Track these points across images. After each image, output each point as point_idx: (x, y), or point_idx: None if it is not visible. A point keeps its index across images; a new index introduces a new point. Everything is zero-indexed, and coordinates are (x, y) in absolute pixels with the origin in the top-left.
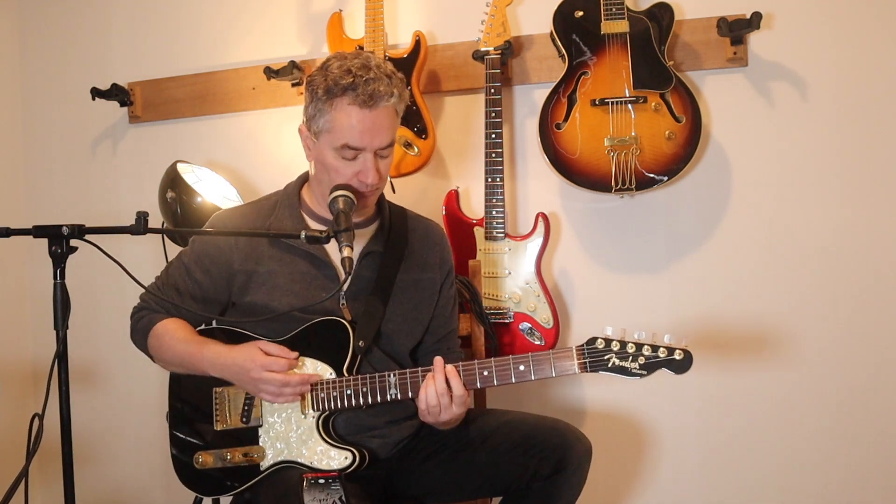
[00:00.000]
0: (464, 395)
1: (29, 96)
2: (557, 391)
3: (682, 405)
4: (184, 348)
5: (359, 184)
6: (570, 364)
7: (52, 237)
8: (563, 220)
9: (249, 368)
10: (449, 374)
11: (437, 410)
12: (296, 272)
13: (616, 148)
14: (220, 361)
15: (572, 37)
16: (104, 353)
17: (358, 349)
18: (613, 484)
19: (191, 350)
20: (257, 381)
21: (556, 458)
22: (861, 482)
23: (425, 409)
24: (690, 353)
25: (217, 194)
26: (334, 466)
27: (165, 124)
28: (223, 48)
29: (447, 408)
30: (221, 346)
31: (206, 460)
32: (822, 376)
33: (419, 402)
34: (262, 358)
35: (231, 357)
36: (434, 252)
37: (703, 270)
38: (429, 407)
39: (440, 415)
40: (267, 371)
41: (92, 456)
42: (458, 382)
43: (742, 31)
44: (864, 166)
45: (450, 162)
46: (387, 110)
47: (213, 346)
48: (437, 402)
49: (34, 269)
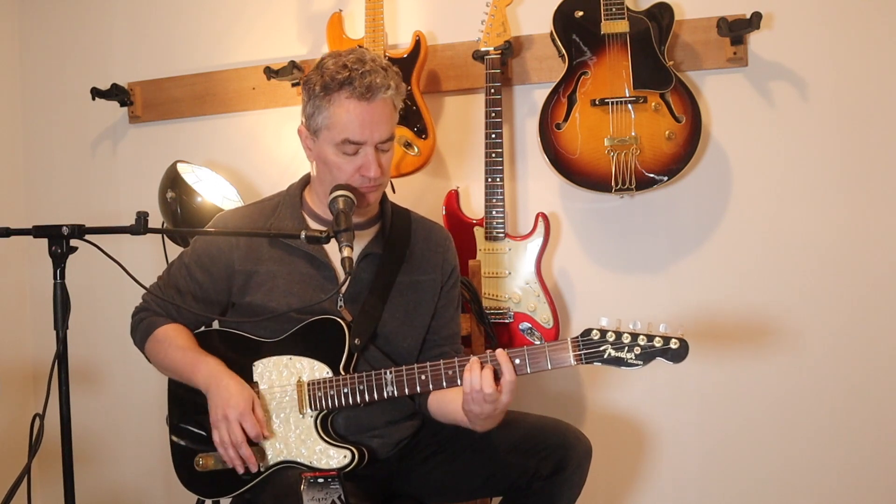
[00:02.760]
0: (513, 380)
1: (29, 96)
2: (557, 391)
3: (682, 405)
4: (181, 357)
5: (361, 179)
6: (565, 356)
7: (52, 237)
8: (563, 220)
9: (234, 405)
10: (501, 359)
11: (480, 397)
12: (296, 273)
13: (616, 148)
14: (215, 380)
15: (572, 37)
16: (104, 353)
17: (354, 347)
18: (614, 484)
19: (187, 360)
20: (227, 420)
21: (557, 457)
22: (862, 479)
23: (469, 392)
24: (686, 341)
25: (217, 194)
26: (333, 465)
27: (165, 124)
28: (223, 48)
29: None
30: (223, 365)
31: (206, 462)
32: (822, 375)
33: (464, 384)
34: (249, 411)
35: (225, 381)
36: (436, 254)
37: (703, 270)
38: (486, 396)
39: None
40: (239, 423)
41: (92, 456)
42: (510, 367)
43: (742, 31)
44: (863, 165)
45: (450, 162)
46: (385, 102)
47: (214, 360)
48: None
49: (34, 269)
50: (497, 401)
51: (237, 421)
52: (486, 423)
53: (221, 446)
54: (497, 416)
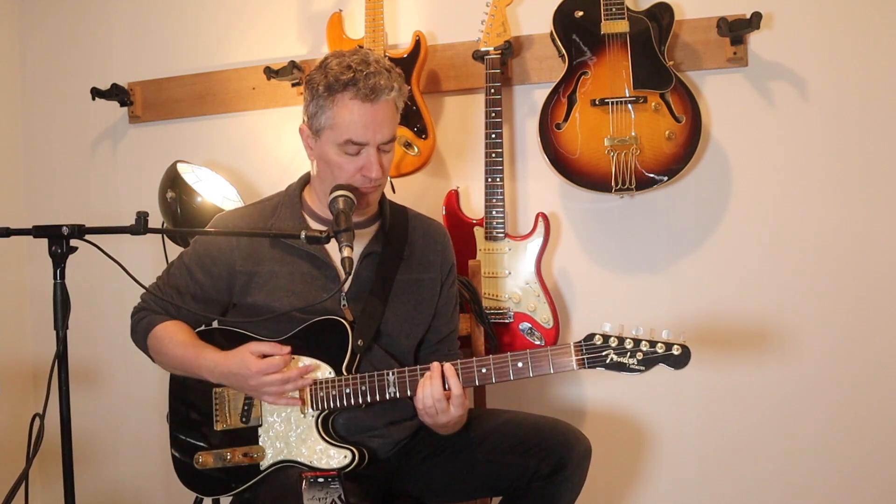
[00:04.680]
0: (461, 395)
1: (29, 96)
2: (557, 391)
3: (682, 405)
4: (182, 352)
5: (362, 179)
6: (568, 360)
7: (52, 237)
8: (563, 220)
9: (246, 376)
10: (447, 373)
11: (434, 411)
12: (296, 273)
13: (616, 148)
14: (218, 371)
15: (572, 37)
16: (104, 353)
17: (357, 348)
18: (613, 484)
19: (189, 355)
20: (257, 387)
21: (556, 457)
22: (861, 481)
23: (422, 408)
24: (688, 348)
25: (217, 194)
26: (334, 465)
27: (165, 124)
28: (223, 48)
29: (444, 411)
30: (217, 353)
31: (207, 460)
32: (822, 376)
33: (416, 401)
34: (257, 364)
35: (226, 366)
36: (435, 251)
37: (704, 270)
38: (425, 408)
39: (437, 416)
40: (265, 375)
41: (92, 456)
42: (456, 382)
43: (742, 31)
44: (863, 166)
45: (450, 162)
46: (387, 104)
47: (210, 353)
48: (432, 404)
49: (34, 269)
50: (447, 411)
51: (262, 377)
52: (442, 431)
53: (283, 397)
54: (451, 426)
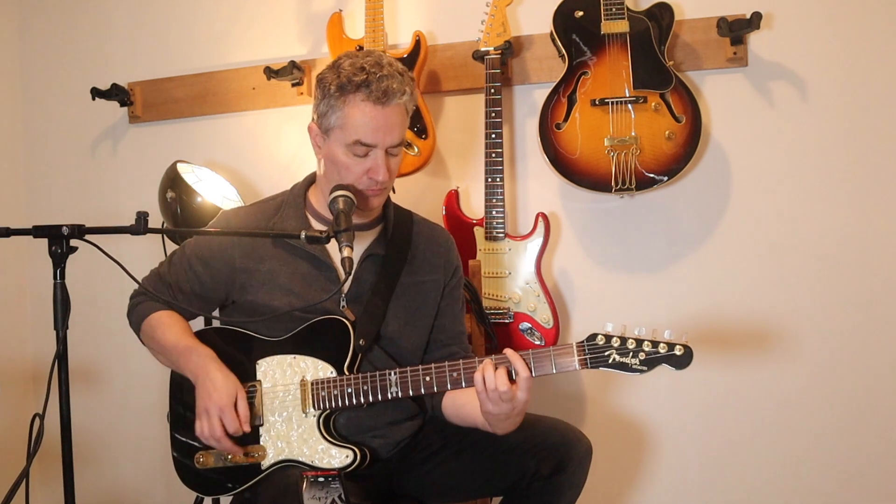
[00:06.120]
0: (528, 377)
1: (29, 96)
2: (557, 391)
3: (683, 405)
4: (174, 343)
5: (368, 182)
6: (570, 361)
7: (52, 237)
8: (563, 220)
9: (216, 400)
10: (510, 356)
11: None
12: (297, 272)
13: (616, 148)
14: (202, 370)
15: (572, 37)
16: (104, 353)
17: (359, 348)
18: (614, 484)
19: (179, 347)
20: (208, 413)
21: (557, 457)
22: (862, 481)
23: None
24: (691, 348)
25: (217, 194)
26: (335, 465)
27: (165, 124)
28: (223, 48)
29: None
30: (209, 355)
31: (207, 460)
32: (823, 376)
33: (477, 384)
34: (230, 406)
35: (214, 375)
36: (438, 254)
37: (703, 270)
38: (488, 391)
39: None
40: (219, 417)
41: (92, 456)
42: (522, 364)
43: (742, 31)
44: (863, 166)
45: (450, 162)
46: (398, 108)
47: (202, 351)
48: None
49: (34, 269)
50: (514, 398)
51: (217, 415)
52: (506, 423)
53: (201, 437)
54: (515, 416)
